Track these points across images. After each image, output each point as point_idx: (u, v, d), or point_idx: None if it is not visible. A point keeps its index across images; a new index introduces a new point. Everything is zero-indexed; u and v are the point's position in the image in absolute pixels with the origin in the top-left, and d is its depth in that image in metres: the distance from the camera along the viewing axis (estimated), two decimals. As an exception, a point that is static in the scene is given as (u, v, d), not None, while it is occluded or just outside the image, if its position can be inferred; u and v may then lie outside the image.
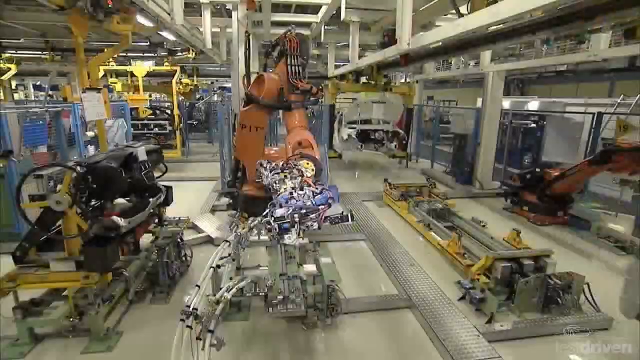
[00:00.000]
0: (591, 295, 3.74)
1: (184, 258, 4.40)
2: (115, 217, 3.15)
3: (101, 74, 9.73)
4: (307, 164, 3.08)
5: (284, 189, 2.50)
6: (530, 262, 3.86)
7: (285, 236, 2.26)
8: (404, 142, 9.37)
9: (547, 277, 3.67)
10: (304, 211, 2.28)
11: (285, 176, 2.68)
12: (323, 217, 2.35)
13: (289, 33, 3.88)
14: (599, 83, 11.94)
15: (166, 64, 10.12)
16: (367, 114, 9.08)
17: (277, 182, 2.66)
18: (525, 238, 4.92)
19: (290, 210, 2.28)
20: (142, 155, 3.59)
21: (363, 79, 10.48)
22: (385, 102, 8.94)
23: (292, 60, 3.78)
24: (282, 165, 2.99)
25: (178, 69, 10.21)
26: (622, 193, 5.74)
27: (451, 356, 2.99)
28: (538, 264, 3.88)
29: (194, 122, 14.95)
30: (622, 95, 8.53)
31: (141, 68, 9.66)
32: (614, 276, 4.53)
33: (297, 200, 2.36)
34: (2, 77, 10.89)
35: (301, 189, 2.45)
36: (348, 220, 2.55)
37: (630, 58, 9.98)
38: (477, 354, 2.99)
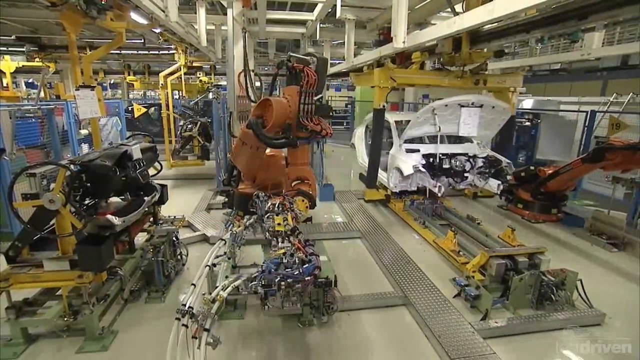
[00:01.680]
0: (584, 291, 3.78)
1: (179, 257, 4.39)
2: (109, 216, 3.13)
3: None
4: (302, 201, 3.51)
5: (278, 249, 2.78)
6: (525, 260, 3.89)
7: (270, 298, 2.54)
8: (507, 178, 5.53)
9: (541, 274, 3.70)
10: (290, 280, 2.53)
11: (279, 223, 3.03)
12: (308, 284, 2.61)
13: (309, 65, 3.53)
14: (592, 82, 12.03)
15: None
16: (449, 126, 5.48)
17: (270, 227, 3.02)
18: (519, 235, 4.96)
19: (279, 279, 2.53)
20: (136, 154, 3.57)
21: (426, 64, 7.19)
22: (482, 104, 5.12)
23: (306, 99, 3.51)
24: (277, 205, 3.23)
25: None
26: (615, 191, 5.80)
27: (447, 353, 3.00)
28: (532, 261, 3.91)
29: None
30: (614, 94, 8.60)
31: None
32: (606, 273, 4.59)
33: (286, 268, 2.60)
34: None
35: (291, 255, 2.69)
36: (331, 286, 3.09)
37: (623, 57, 10.05)
38: (472, 350, 3.01)
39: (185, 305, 2.73)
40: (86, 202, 3.17)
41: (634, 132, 7.00)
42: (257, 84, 7.56)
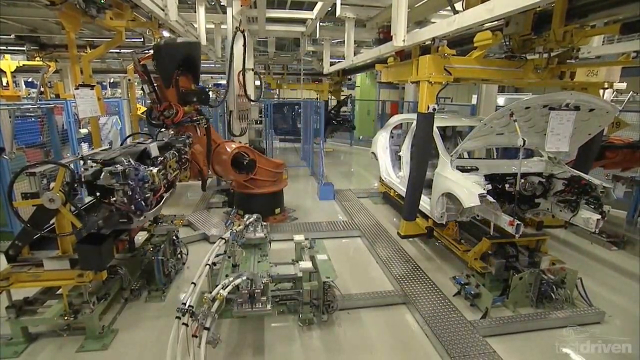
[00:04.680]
0: (584, 289, 3.79)
1: (179, 256, 4.39)
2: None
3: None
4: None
5: None
6: (525, 258, 3.90)
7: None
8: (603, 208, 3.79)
9: (541, 273, 3.71)
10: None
11: None
12: None
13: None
14: (592, 80, 12.08)
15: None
16: (527, 136, 4.00)
17: None
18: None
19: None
20: (154, 152, 3.61)
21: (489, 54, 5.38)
22: (579, 106, 3.58)
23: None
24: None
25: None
26: (615, 189, 5.80)
27: (447, 351, 3.01)
28: (532, 259, 3.92)
29: None
30: (614, 92, 8.60)
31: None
32: (606, 271, 4.60)
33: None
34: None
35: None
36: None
37: (623, 55, 10.04)
38: (472, 348, 3.01)
39: (185, 304, 2.74)
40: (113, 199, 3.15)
41: (634, 130, 6.98)
42: (257, 82, 7.57)
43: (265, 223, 4.25)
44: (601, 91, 5.04)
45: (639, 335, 3.33)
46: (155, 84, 4.14)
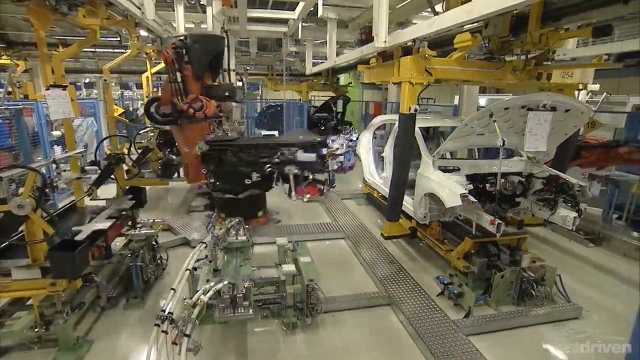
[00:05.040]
0: (562, 286, 3.90)
1: (159, 261, 4.29)
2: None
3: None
4: None
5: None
6: (507, 257, 3.99)
7: None
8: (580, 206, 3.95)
9: (522, 271, 3.80)
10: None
11: None
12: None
13: (167, 46, 3.97)
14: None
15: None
16: (506, 137, 4.07)
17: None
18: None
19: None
20: None
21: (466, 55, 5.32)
22: (555, 107, 3.70)
23: (170, 77, 3.98)
24: None
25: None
26: (591, 187, 6.01)
27: (430, 351, 3.04)
28: (514, 257, 4.01)
29: None
30: (589, 93, 8.92)
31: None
32: (583, 267, 4.75)
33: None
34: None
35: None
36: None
37: (596, 57, 10.42)
38: (455, 347, 3.05)
39: (165, 310, 2.67)
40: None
41: (608, 130, 7.26)
42: (240, 83, 7.50)
43: (247, 226, 4.20)
44: (576, 92, 5.21)
45: (615, 330, 3.45)
46: (183, 74, 4.03)
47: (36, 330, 2.94)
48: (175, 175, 6.41)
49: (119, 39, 8.70)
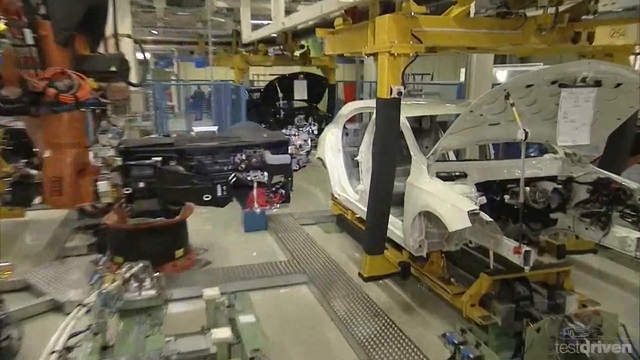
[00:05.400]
0: (630, 341, 3.88)
1: (6, 343, 4.03)
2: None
3: None
4: None
5: None
6: (543, 300, 4.05)
7: None
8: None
9: (567, 320, 3.84)
10: None
11: None
12: None
13: None
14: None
15: None
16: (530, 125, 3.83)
17: None
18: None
19: None
20: None
21: None
22: (600, 80, 3.64)
23: (16, 38, 3.74)
24: None
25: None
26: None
27: None
28: (553, 300, 4.08)
29: None
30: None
31: None
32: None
33: None
34: None
35: None
36: None
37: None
38: None
39: None
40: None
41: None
42: (140, 55, 7.32)
43: (158, 274, 4.06)
44: (632, 58, 5.38)
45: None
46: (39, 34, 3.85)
47: None
48: (37, 200, 6.02)
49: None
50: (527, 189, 4.22)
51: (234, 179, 4.33)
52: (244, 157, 4.35)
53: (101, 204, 4.52)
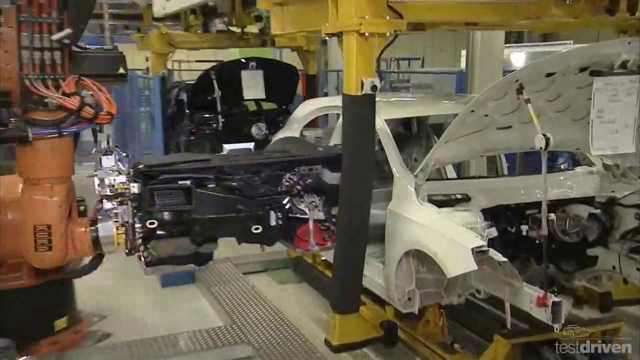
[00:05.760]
0: None
1: None
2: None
3: None
4: None
5: None
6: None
7: None
8: None
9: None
10: None
11: None
12: None
13: None
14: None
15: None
16: (561, 127, 4.39)
17: None
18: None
19: None
20: None
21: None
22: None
23: (34, 38, 3.97)
24: None
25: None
26: None
27: None
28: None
29: None
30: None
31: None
32: None
33: None
34: None
35: None
36: None
37: None
38: None
39: None
40: None
41: None
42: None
43: (27, 357, 3.92)
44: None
45: None
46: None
47: None
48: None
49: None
50: (553, 215, 4.22)
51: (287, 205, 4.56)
52: (298, 176, 4.57)
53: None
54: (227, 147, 6.72)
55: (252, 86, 10.42)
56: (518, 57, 11.68)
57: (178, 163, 4.63)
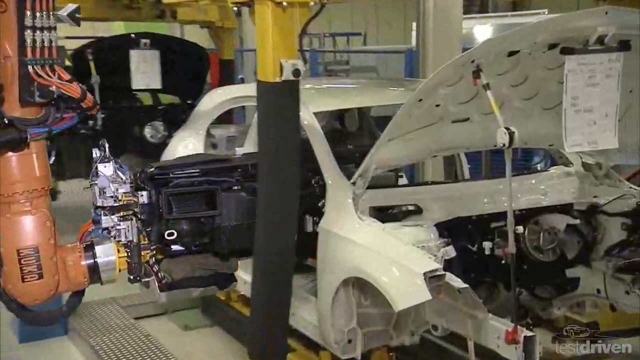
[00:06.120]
0: None
1: None
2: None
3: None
4: None
5: None
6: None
7: None
8: None
9: None
10: None
11: None
12: None
13: None
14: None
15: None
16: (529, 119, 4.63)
17: None
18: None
19: None
20: None
21: None
22: (628, 41, 3.86)
23: (36, 17, 3.95)
24: None
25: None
26: None
27: None
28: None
29: None
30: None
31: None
32: None
33: None
34: None
35: None
36: None
37: None
38: None
39: None
40: None
41: None
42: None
43: None
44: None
45: None
46: None
47: None
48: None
49: None
50: (521, 228, 4.30)
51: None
52: None
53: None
54: (240, 150, 6.68)
55: (145, 72, 9.61)
56: (483, 31, 11.90)
57: (192, 164, 4.81)
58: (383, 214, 4.56)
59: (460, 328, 4.08)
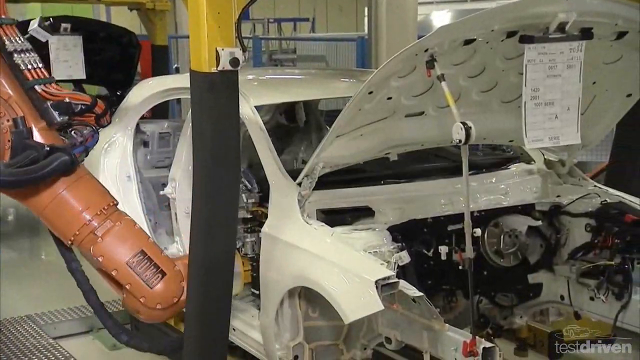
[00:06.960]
0: None
1: None
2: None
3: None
4: None
5: None
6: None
7: None
8: None
9: None
10: None
11: None
12: None
13: None
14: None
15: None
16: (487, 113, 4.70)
17: None
18: None
19: None
20: None
21: None
22: (590, 28, 3.88)
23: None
24: None
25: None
26: None
27: None
28: None
29: None
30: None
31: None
32: None
33: None
34: None
35: None
36: None
37: None
38: None
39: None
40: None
41: None
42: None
43: None
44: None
45: None
46: None
47: None
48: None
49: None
50: (479, 231, 4.41)
51: None
52: None
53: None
54: None
55: (66, 60, 9.49)
56: (441, 17, 12.04)
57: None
58: (332, 218, 4.58)
59: (415, 340, 4.12)
